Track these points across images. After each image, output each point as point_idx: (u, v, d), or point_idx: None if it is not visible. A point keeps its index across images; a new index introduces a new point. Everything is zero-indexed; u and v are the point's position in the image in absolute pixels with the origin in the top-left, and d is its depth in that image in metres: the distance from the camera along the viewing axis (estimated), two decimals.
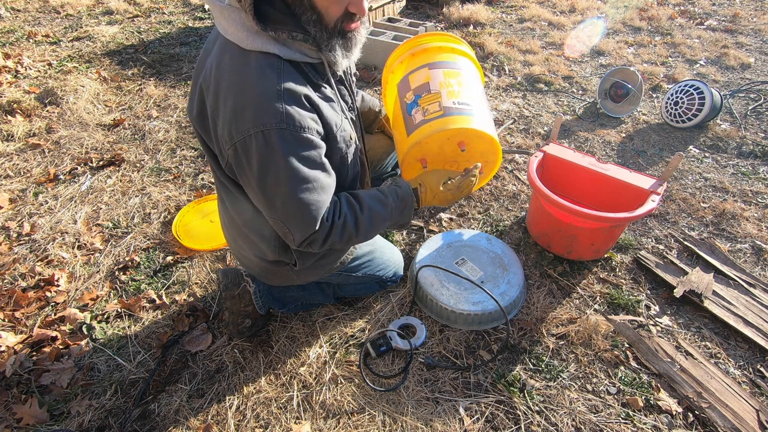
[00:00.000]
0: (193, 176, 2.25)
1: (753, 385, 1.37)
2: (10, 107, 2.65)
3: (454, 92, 1.21)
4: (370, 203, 1.14)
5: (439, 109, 1.18)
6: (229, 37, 0.94)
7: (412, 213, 1.23)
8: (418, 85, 1.24)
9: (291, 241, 1.09)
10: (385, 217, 1.17)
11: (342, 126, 1.09)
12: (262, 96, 0.90)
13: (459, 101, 1.20)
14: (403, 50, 1.38)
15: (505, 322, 1.51)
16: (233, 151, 0.95)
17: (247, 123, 0.91)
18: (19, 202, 2.09)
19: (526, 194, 2.11)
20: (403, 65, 1.35)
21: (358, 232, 1.13)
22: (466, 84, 1.25)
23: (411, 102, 1.23)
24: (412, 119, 1.22)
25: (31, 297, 1.64)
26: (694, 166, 2.29)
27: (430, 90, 1.21)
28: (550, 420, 1.27)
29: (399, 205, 1.19)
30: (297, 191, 0.98)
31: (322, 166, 1.03)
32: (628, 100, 2.67)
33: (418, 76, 1.25)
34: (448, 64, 1.27)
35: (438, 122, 1.18)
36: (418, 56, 1.32)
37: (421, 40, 1.35)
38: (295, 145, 0.95)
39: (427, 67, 1.25)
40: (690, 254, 1.80)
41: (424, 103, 1.20)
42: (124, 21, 4.07)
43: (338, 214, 1.09)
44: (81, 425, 1.28)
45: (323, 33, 0.96)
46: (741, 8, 4.34)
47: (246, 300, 1.41)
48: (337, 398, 1.33)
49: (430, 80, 1.23)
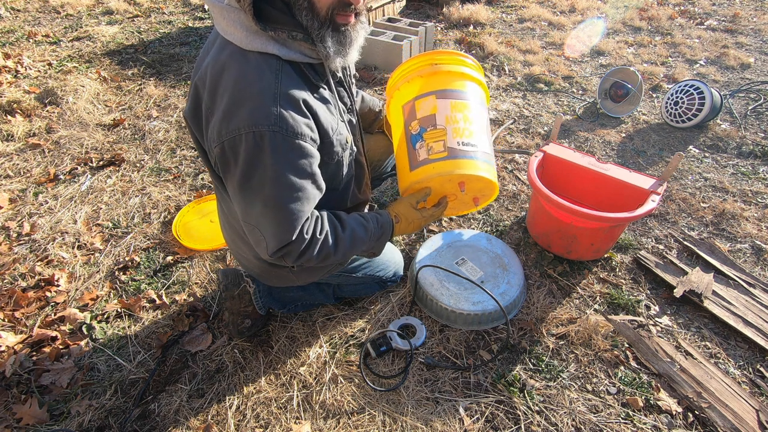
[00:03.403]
0: (193, 176, 2.25)
1: (753, 385, 1.37)
2: (10, 107, 2.65)
3: (460, 130, 1.20)
4: (351, 224, 1.13)
5: (443, 150, 1.19)
6: (228, 38, 0.93)
7: (387, 241, 1.25)
8: (424, 115, 1.22)
9: (263, 250, 1.03)
10: (364, 241, 1.15)
11: (338, 129, 1.07)
12: (258, 97, 0.89)
13: (464, 141, 1.20)
14: (412, 69, 1.30)
15: (505, 322, 1.51)
16: (220, 149, 0.93)
17: (240, 122, 0.89)
18: (19, 202, 2.09)
19: (526, 194, 2.11)
20: (412, 86, 1.28)
21: (336, 251, 1.10)
22: (473, 119, 1.23)
23: (416, 134, 1.22)
24: (417, 154, 1.22)
25: (31, 297, 1.64)
26: (694, 166, 2.29)
27: (436, 124, 1.20)
28: (550, 420, 1.27)
29: (378, 232, 1.19)
30: (280, 197, 0.95)
31: (312, 176, 1.00)
32: (628, 100, 2.67)
33: (425, 104, 1.23)
34: (457, 94, 1.23)
35: (442, 165, 1.19)
36: (427, 79, 1.26)
37: (434, 59, 1.28)
38: (287, 150, 0.93)
39: (435, 96, 1.22)
40: (690, 254, 1.80)
41: (429, 139, 1.20)
42: (124, 21, 4.07)
43: (319, 230, 1.06)
44: (81, 425, 1.28)
45: (314, 21, 0.92)
46: (741, 8, 4.34)
47: (246, 300, 1.41)
48: (337, 398, 1.33)
49: (437, 112, 1.20)
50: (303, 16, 0.92)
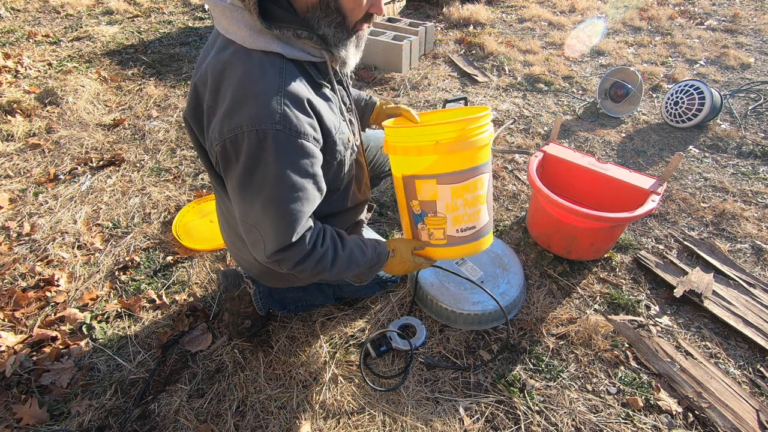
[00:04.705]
0: (193, 176, 2.25)
1: (753, 385, 1.37)
2: (10, 107, 2.65)
3: (459, 217, 1.19)
4: (351, 246, 1.13)
5: (443, 238, 1.22)
6: (230, 37, 0.93)
7: (377, 272, 1.23)
8: (424, 199, 1.19)
9: (260, 251, 1.01)
10: (360, 264, 1.14)
11: (341, 128, 1.07)
12: (262, 95, 0.89)
13: (463, 228, 1.21)
14: (411, 138, 1.14)
15: (505, 322, 1.51)
16: (222, 147, 0.92)
17: (242, 120, 0.88)
18: (19, 202, 2.09)
19: (526, 194, 2.11)
20: (411, 160, 1.16)
21: (332, 267, 1.08)
22: (472, 200, 1.19)
23: (418, 214, 1.23)
24: (419, 233, 1.26)
25: (31, 297, 1.64)
26: (694, 166, 2.29)
27: (436, 212, 1.19)
28: (550, 420, 1.27)
29: (374, 259, 1.18)
30: (281, 197, 0.95)
31: (313, 177, 0.99)
32: (628, 100, 2.67)
33: (425, 187, 1.17)
34: (459, 176, 1.15)
35: (442, 251, 1.25)
36: (426, 158, 1.13)
37: (436, 135, 1.10)
38: (289, 149, 0.92)
39: (436, 181, 1.15)
40: (690, 254, 1.80)
41: (430, 225, 1.22)
42: (124, 21, 4.07)
43: (321, 243, 1.05)
44: (81, 425, 1.28)
45: (343, 33, 0.96)
46: (741, 8, 4.34)
47: (246, 301, 1.41)
48: (337, 398, 1.33)
49: (437, 200, 1.17)
50: (331, 29, 0.94)
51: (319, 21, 0.94)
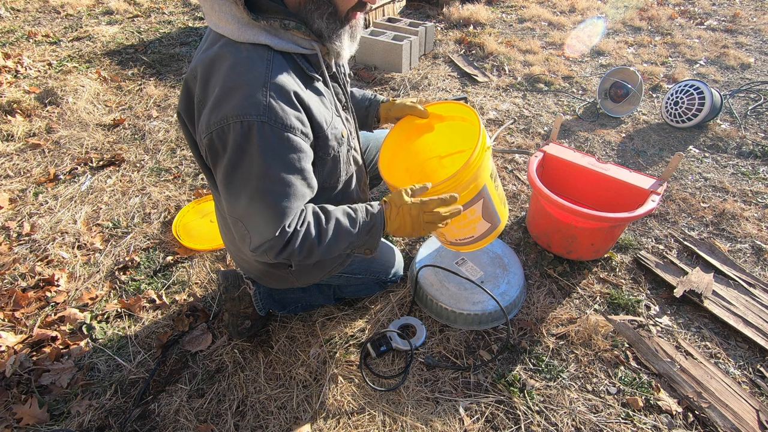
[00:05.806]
0: (193, 176, 2.25)
1: (753, 385, 1.37)
2: (10, 107, 2.65)
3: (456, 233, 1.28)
4: (336, 214, 1.07)
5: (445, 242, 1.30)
6: (220, 31, 0.93)
7: (380, 234, 1.12)
8: None
9: (246, 244, 1.00)
10: (352, 232, 1.06)
11: (333, 123, 1.06)
12: (247, 86, 0.88)
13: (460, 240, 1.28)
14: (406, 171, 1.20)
15: (505, 322, 1.51)
16: (209, 139, 0.91)
17: (228, 111, 0.88)
18: (19, 202, 2.09)
19: (526, 194, 2.11)
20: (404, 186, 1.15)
21: (320, 242, 1.03)
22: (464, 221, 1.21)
23: None
24: None
25: (31, 297, 1.64)
26: (694, 166, 2.29)
27: None
28: (550, 420, 1.27)
29: (368, 222, 1.09)
30: (267, 191, 0.94)
31: (301, 172, 0.97)
32: (628, 100, 2.67)
33: None
34: None
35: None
36: None
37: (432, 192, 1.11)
38: (275, 142, 0.91)
39: None
40: (690, 254, 1.80)
41: None
42: (124, 21, 4.07)
43: (300, 222, 1.01)
44: (81, 425, 1.28)
45: (336, 24, 0.95)
46: (741, 8, 4.34)
47: (246, 302, 1.41)
48: (336, 398, 1.33)
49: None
50: (323, 21, 0.94)
51: (312, 14, 0.93)
